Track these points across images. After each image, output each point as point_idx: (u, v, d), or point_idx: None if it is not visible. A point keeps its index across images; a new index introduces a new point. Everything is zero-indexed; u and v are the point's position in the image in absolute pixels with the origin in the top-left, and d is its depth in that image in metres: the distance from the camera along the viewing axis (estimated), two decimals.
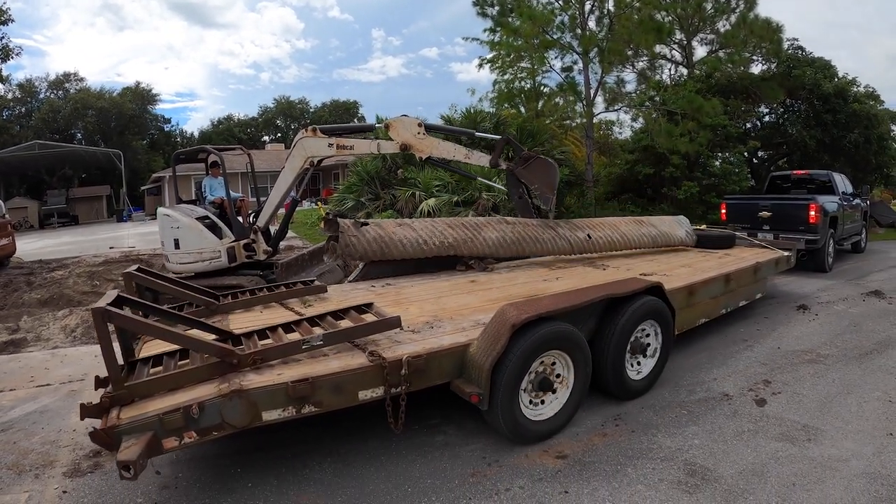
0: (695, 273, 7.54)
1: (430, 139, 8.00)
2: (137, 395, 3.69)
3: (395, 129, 8.00)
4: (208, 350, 3.95)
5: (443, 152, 7.99)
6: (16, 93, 52.81)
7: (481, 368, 4.20)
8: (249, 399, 3.62)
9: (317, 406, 3.86)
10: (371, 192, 20.23)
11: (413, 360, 4.07)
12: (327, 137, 8.42)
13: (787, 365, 6.65)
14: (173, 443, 3.50)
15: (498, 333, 4.25)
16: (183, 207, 9.95)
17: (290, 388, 3.70)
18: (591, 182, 22.64)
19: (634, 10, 21.44)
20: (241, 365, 3.93)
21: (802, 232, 12.56)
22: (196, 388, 3.74)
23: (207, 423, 3.55)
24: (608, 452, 4.59)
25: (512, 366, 4.25)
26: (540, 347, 4.48)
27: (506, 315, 4.36)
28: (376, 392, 4.04)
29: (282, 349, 4.13)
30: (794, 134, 23.96)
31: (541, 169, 7.52)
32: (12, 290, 13.07)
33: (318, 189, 46.44)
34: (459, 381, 4.39)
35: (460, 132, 7.86)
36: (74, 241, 23.61)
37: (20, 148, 37.62)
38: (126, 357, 4.18)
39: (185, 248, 9.30)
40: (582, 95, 22.74)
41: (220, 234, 9.43)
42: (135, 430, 3.38)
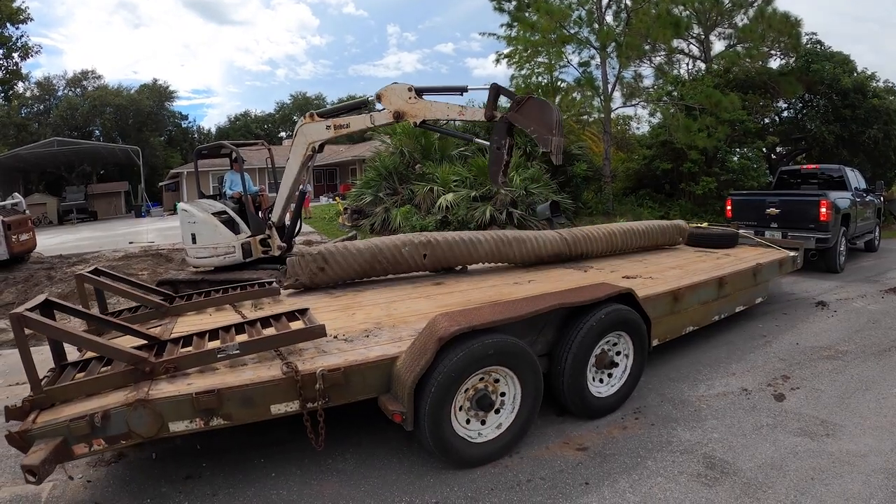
0: (684, 276, 7.04)
1: (422, 102, 7.64)
2: (57, 399, 3.66)
3: (387, 97, 7.70)
4: (121, 357, 3.85)
5: (436, 113, 7.65)
6: (34, 91, 53.57)
7: (404, 385, 3.82)
8: (154, 409, 3.50)
9: (226, 419, 3.65)
10: (389, 187, 20.27)
11: (329, 374, 3.75)
12: (324, 120, 8.34)
13: (805, 361, 6.60)
14: (83, 449, 3.46)
15: (424, 347, 3.87)
16: (201, 202, 9.94)
17: (195, 399, 3.53)
18: (609, 177, 22.37)
19: (652, 4, 21.15)
20: (154, 373, 3.81)
21: (812, 230, 11.96)
22: (111, 395, 3.66)
23: (114, 431, 3.47)
24: (628, 445, 4.59)
25: (440, 383, 3.86)
26: (476, 363, 4.06)
27: (435, 327, 3.98)
28: (291, 407, 3.76)
29: (196, 358, 3.95)
30: (813, 129, 23.57)
31: (535, 109, 6.94)
32: (33, 284, 13.39)
33: (336, 184, 46.55)
34: (385, 397, 4.01)
35: (451, 89, 7.51)
36: (94, 237, 23.76)
37: (39, 145, 38.06)
38: (57, 360, 4.13)
39: (201, 243, 9.38)
40: (599, 90, 22.53)
41: (236, 229, 9.47)
42: (46, 434, 3.36)
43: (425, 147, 20.91)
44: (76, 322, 6.12)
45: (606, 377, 5.22)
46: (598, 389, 5.12)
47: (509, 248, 7.38)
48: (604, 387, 5.18)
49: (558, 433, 4.80)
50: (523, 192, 17.27)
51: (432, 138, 21.01)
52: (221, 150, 10.95)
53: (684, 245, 9.72)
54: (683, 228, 9.55)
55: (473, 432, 4.26)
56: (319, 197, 41.96)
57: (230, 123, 73.02)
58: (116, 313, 5.69)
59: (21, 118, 50.54)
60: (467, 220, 16.66)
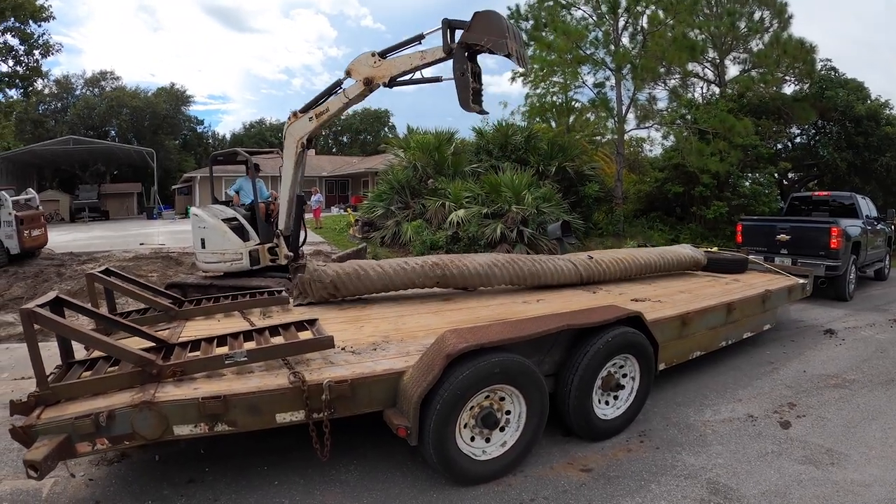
0: (693, 300, 6.98)
1: (386, 62, 7.86)
2: (62, 396, 3.69)
3: (355, 69, 7.98)
4: (128, 358, 3.87)
5: (401, 67, 7.80)
6: (53, 88, 54.13)
7: (410, 400, 3.82)
8: (160, 412, 3.53)
9: (231, 425, 3.67)
10: (401, 200, 20.34)
11: (336, 385, 3.75)
12: (305, 114, 8.64)
13: (812, 388, 6.57)
14: (86, 447, 3.48)
15: (432, 363, 3.87)
16: (213, 208, 10.02)
17: (201, 404, 3.55)
18: (620, 199, 22.33)
19: (668, 27, 21.15)
20: (161, 376, 3.84)
21: (822, 257, 11.91)
22: (116, 395, 3.69)
23: (118, 431, 3.49)
24: (632, 467, 4.57)
25: (446, 400, 3.85)
26: (482, 381, 4.05)
27: (443, 343, 3.97)
28: (296, 416, 3.77)
29: (203, 363, 3.97)
30: (826, 156, 23.58)
31: (483, 21, 6.99)
32: (43, 280, 13.56)
33: (347, 196, 46.67)
34: (391, 411, 4.01)
35: (409, 41, 7.69)
36: (105, 236, 23.94)
37: (55, 142, 38.37)
38: (64, 357, 4.17)
39: (210, 248, 9.44)
40: (614, 112, 22.54)
41: (245, 236, 9.51)
42: (50, 430, 3.38)
43: (438, 162, 20.95)
44: (84, 320, 6.17)
45: (612, 399, 5.19)
46: (604, 411, 5.08)
47: (523, 280, 7.35)
48: (609, 409, 5.15)
49: (563, 453, 4.78)
50: (535, 210, 17.25)
51: (446, 153, 21.11)
52: (237, 158, 11.04)
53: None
54: (699, 262, 9.40)
55: (478, 450, 4.25)
56: (331, 207, 42.14)
57: (245, 130, 73.38)
58: (125, 314, 5.73)
59: (38, 114, 51.05)
60: (478, 237, 16.66)
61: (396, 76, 7.89)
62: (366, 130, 74.24)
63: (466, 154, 22.52)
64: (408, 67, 7.83)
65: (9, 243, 15.55)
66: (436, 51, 7.51)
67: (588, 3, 22.76)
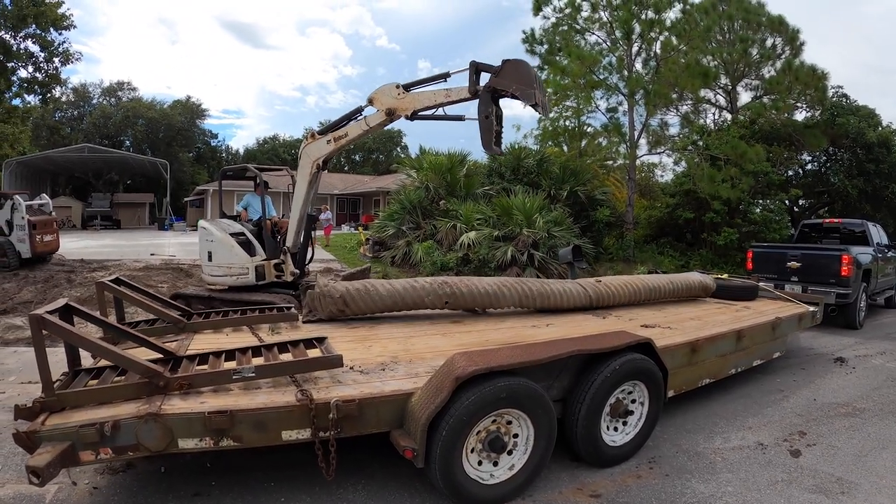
0: (703, 327, 6.94)
1: (410, 95, 7.95)
2: (67, 403, 3.69)
3: (377, 98, 8.04)
4: (136, 369, 3.86)
5: (424, 102, 7.91)
6: (70, 96, 54.61)
7: (417, 421, 3.79)
8: (165, 424, 3.52)
9: (236, 441, 3.65)
10: (412, 220, 20.30)
11: (343, 405, 3.73)
12: (324, 136, 8.66)
13: (822, 417, 6.52)
14: (90, 456, 3.48)
15: (441, 385, 3.84)
16: (221, 222, 10.09)
17: (207, 418, 3.53)
18: (631, 224, 22.30)
19: (681, 53, 21.21)
20: (168, 388, 3.83)
21: (833, 285, 11.81)
22: (122, 406, 3.69)
23: (122, 442, 3.49)
24: (642, 494, 4.52)
25: (454, 422, 3.81)
26: (491, 405, 4.02)
27: (452, 365, 3.94)
28: (302, 434, 3.75)
29: (210, 377, 3.97)
30: (837, 183, 23.61)
31: (512, 69, 7.20)
32: (52, 285, 13.61)
33: (358, 214, 46.81)
34: (398, 432, 3.97)
35: (435, 78, 7.86)
36: (116, 245, 24.03)
37: (70, 149, 38.77)
38: (71, 365, 4.16)
39: (217, 262, 9.50)
40: (626, 137, 22.58)
41: (252, 251, 9.56)
42: (54, 437, 3.39)
43: (450, 183, 20.98)
44: (92, 328, 6.18)
45: (621, 425, 5.14)
46: (612, 438, 5.04)
47: (532, 301, 7.32)
48: (618, 435, 5.10)
49: (572, 478, 4.74)
50: (546, 234, 17.22)
51: (458, 175, 21.15)
52: (246, 174, 11.16)
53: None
54: (709, 288, 9.38)
55: (485, 473, 4.20)
56: (341, 226, 42.31)
57: (258, 146, 73.70)
58: (134, 324, 5.75)
59: (54, 121, 51.51)
60: (488, 260, 16.61)
61: (419, 110, 7.98)
62: (378, 150, 74.46)
63: (478, 176, 22.53)
64: (431, 103, 7.94)
65: (21, 247, 15.68)
66: (461, 90, 7.64)
67: (602, 28, 22.92)
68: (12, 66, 20.77)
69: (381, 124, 8.34)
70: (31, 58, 21.00)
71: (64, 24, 22.20)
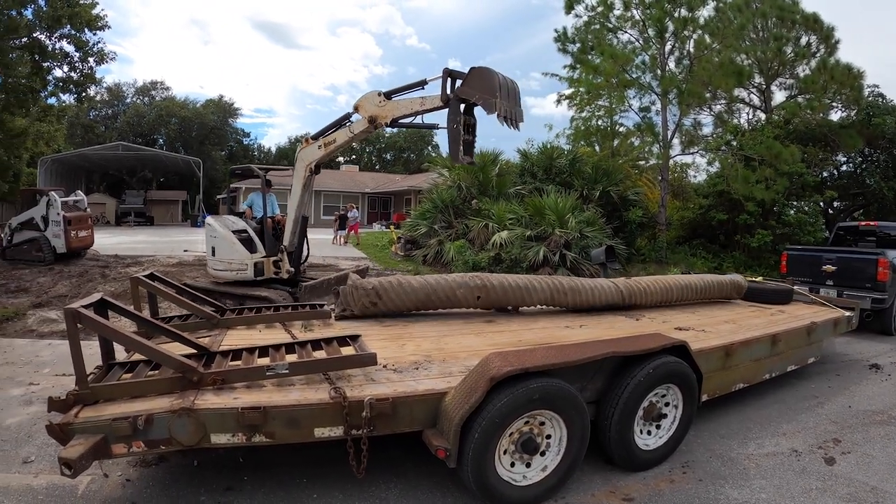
0: (738, 330, 6.80)
1: (391, 103, 8.23)
2: (101, 396, 3.72)
3: (362, 106, 8.43)
4: (170, 364, 3.89)
5: (403, 110, 8.18)
6: (104, 95, 55.50)
7: (451, 421, 3.76)
8: (198, 419, 3.54)
9: (269, 437, 3.66)
10: (444, 220, 20.43)
11: (377, 403, 3.72)
12: (315, 142, 9.15)
13: (857, 425, 6.37)
14: (122, 449, 3.51)
15: (475, 385, 3.81)
16: (226, 219, 10.55)
17: (240, 414, 3.55)
18: (663, 225, 22.10)
19: (714, 52, 20.94)
20: (201, 383, 3.85)
21: (869, 289, 11.49)
22: (155, 400, 3.71)
23: (155, 435, 3.52)
24: (675, 499, 4.48)
25: (488, 422, 3.78)
26: (525, 405, 3.97)
27: (487, 366, 3.90)
28: (335, 431, 3.75)
29: (244, 373, 3.98)
30: (872, 185, 23.03)
31: (476, 78, 7.20)
32: (87, 280, 13.93)
33: (389, 213, 47.03)
34: (431, 431, 3.94)
35: (413, 85, 8.12)
36: (149, 241, 24.44)
37: (105, 147, 39.42)
38: (105, 358, 4.21)
39: (219, 257, 9.91)
40: (659, 136, 22.34)
41: (253, 248, 9.87)
42: (87, 430, 3.42)
43: (482, 183, 21.02)
44: (126, 322, 6.25)
45: (654, 429, 5.07)
46: (645, 441, 4.97)
47: (563, 297, 7.26)
48: (651, 439, 5.03)
49: (604, 481, 4.70)
50: (578, 234, 17.11)
51: (490, 174, 21.15)
52: (253, 174, 11.42)
53: (738, 299, 9.46)
54: (741, 286, 9.24)
55: (518, 475, 4.16)
56: (372, 224, 42.54)
57: (290, 144, 74.26)
58: (167, 319, 5.77)
59: (89, 120, 52.34)
60: (520, 259, 16.57)
61: (398, 118, 8.25)
62: (409, 148, 74.69)
63: (511, 175, 22.50)
64: (409, 111, 8.18)
65: (56, 242, 16.01)
66: (434, 99, 7.79)
67: (634, 26, 22.72)
68: (47, 66, 21.08)
69: (364, 131, 8.64)
70: (66, 57, 21.32)
71: (98, 24, 22.49)
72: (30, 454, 4.82)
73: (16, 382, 6.78)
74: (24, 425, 5.45)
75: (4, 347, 8.41)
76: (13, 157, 24.77)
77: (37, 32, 19.83)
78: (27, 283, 13.45)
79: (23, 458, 4.76)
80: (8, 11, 18.33)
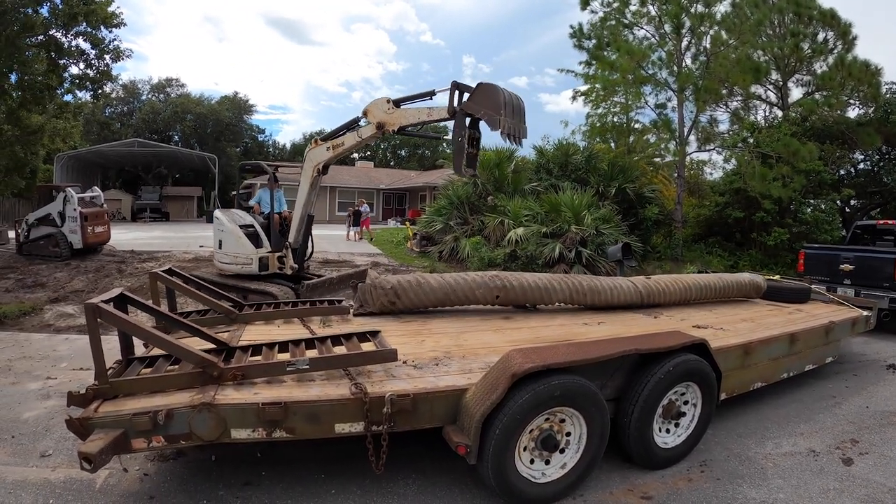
0: (756, 329, 6.77)
1: (399, 111, 8.33)
2: (121, 391, 3.74)
3: (371, 111, 8.53)
4: (190, 359, 3.90)
5: (410, 119, 8.32)
6: (119, 92, 55.81)
7: (472, 418, 3.76)
8: (219, 414, 3.55)
9: (289, 432, 3.67)
10: (460, 216, 20.45)
11: (398, 399, 3.72)
12: (324, 143, 9.28)
13: (875, 425, 6.34)
14: (142, 444, 3.53)
15: (496, 382, 3.80)
16: (234, 213, 10.72)
17: (261, 409, 3.55)
18: (680, 222, 21.98)
19: (731, 48, 20.78)
20: (221, 378, 3.86)
21: (887, 289, 11.36)
22: (175, 395, 3.72)
23: (175, 430, 3.54)
24: (693, 498, 4.48)
25: (509, 419, 3.77)
26: (546, 402, 3.96)
27: (508, 362, 3.89)
28: (355, 427, 3.75)
29: (265, 368, 3.99)
30: (890, 183, 22.81)
31: (482, 93, 7.29)
32: (104, 275, 14.03)
33: (404, 209, 47.14)
34: (451, 428, 3.94)
35: (422, 95, 8.29)
36: (165, 237, 24.65)
37: (121, 144, 39.68)
38: (124, 353, 4.24)
39: (225, 250, 10.14)
40: (676, 133, 22.23)
41: (258, 243, 10.11)
42: (107, 425, 3.44)
43: (498, 179, 20.99)
44: (143, 317, 6.27)
45: (673, 427, 5.06)
46: (664, 440, 4.96)
47: (583, 297, 7.24)
48: (670, 437, 5.02)
49: (623, 479, 4.69)
50: (594, 231, 17.01)
51: (506, 171, 21.16)
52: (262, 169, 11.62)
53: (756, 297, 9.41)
54: (760, 287, 9.17)
55: (537, 472, 4.16)
56: (387, 220, 42.61)
57: (305, 140, 74.45)
58: (185, 314, 5.81)
59: (104, 117, 52.62)
60: (536, 256, 16.46)
61: (406, 125, 8.35)
62: (424, 145, 74.61)
63: (526, 172, 22.49)
64: (416, 121, 8.30)
65: (72, 238, 16.15)
66: (441, 110, 7.87)
67: (650, 22, 22.60)
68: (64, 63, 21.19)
69: (372, 136, 8.73)
70: (82, 55, 21.42)
71: (114, 21, 22.57)
72: (47, 448, 4.85)
73: (33, 376, 6.83)
74: (41, 419, 5.49)
75: (22, 342, 8.48)
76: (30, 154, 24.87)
77: (53, 30, 19.91)
78: (44, 278, 13.55)
79: (40, 451, 4.79)
80: (24, 10, 18.40)
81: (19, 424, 5.36)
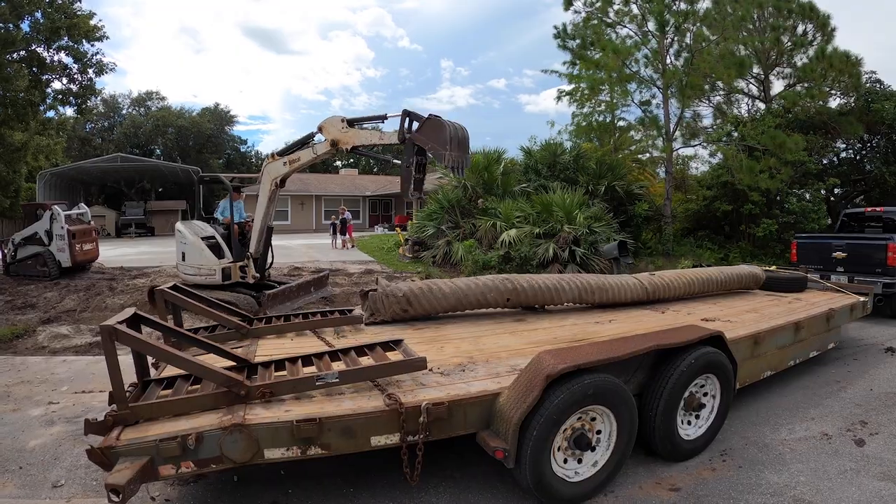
0: (761, 320, 6.88)
1: (353, 131, 8.69)
2: (142, 416, 3.59)
3: (326, 129, 8.91)
4: (215, 378, 3.77)
5: (363, 139, 8.71)
6: (100, 107, 55.37)
7: (509, 422, 3.74)
8: (251, 434, 3.44)
9: (324, 449, 3.59)
10: (451, 220, 20.46)
11: (434, 408, 3.68)
12: (281, 158, 9.69)
13: (881, 406, 6.52)
14: (170, 470, 3.36)
15: (530, 384, 3.79)
16: (195, 225, 11.05)
17: (295, 427, 3.46)
18: (669, 218, 22.14)
19: (713, 44, 20.93)
20: (249, 397, 3.75)
21: (879, 274, 11.55)
22: (201, 417, 3.59)
23: (206, 454, 3.39)
24: (719, 486, 4.57)
25: (544, 421, 3.77)
26: (578, 402, 3.97)
27: (541, 364, 3.89)
28: (391, 439, 3.70)
29: (293, 384, 3.88)
30: (873, 170, 23.02)
31: (430, 128, 7.66)
32: (95, 293, 13.71)
33: (391, 215, 47.12)
34: (486, 433, 3.92)
35: (374, 118, 8.72)
36: (153, 252, 24.43)
37: (103, 159, 39.39)
38: (140, 375, 4.07)
39: (188, 262, 10.44)
40: (663, 130, 22.35)
41: (220, 253, 10.44)
42: (132, 453, 3.27)
43: (487, 182, 21.02)
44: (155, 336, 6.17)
45: (694, 419, 5.14)
46: (686, 432, 5.03)
47: (591, 295, 7.29)
48: (691, 429, 5.10)
49: (649, 473, 4.74)
50: (586, 230, 17.10)
51: (495, 173, 21.19)
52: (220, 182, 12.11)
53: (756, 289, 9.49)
54: (759, 278, 9.33)
55: (570, 471, 4.17)
56: (374, 227, 42.50)
57: None
58: (193, 330, 5.67)
59: (85, 133, 52.21)
60: (530, 257, 16.52)
61: (358, 146, 8.74)
62: None
63: (515, 174, 22.62)
64: (367, 142, 8.73)
65: (60, 256, 15.93)
66: (392, 135, 8.32)
67: (633, 21, 22.73)
68: (46, 79, 21.01)
69: (326, 153, 9.14)
70: (65, 70, 21.25)
71: (96, 35, 22.44)
72: (59, 478, 4.63)
73: (34, 402, 6.52)
74: (48, 447, 5.23)
75: (18, 366, 8.18)
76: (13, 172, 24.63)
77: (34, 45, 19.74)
78: (34, 298, 13.30)
79: (52, 482, 4.57)
80: (5, 25, 18.22)
81: (26, 454, 5.09)
